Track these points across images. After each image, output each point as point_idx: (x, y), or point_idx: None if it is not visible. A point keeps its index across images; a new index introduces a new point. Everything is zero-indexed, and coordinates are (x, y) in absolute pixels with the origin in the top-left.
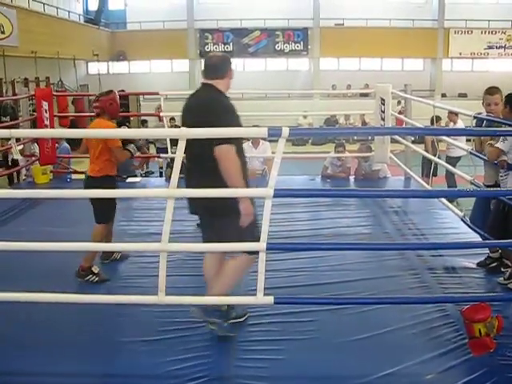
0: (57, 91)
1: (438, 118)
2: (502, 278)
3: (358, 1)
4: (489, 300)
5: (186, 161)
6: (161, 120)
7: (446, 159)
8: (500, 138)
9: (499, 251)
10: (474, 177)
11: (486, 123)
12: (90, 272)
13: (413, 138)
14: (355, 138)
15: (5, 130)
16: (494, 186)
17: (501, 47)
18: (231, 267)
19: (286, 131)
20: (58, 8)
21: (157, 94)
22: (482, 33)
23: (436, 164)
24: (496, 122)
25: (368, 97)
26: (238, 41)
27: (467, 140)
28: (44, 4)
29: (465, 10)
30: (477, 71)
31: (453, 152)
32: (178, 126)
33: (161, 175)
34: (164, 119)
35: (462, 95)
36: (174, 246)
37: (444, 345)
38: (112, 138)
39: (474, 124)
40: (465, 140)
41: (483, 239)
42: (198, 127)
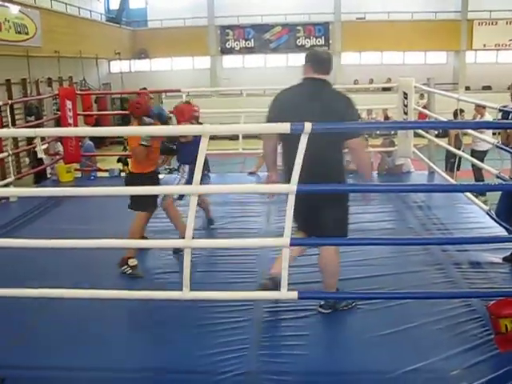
0: (80, 90)
1: (462, 110)
2: None
3: None
4: None
5: (289, 157)
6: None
7: (472, 153)
8: None
9: None
10: (500, 170)
11: None
12: (126, 263)
13: (436, 132)
14: (378, 132)
15: (30, 130)
16: None
17: None
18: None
19: (308, 127)
20: (79, 8)
21: (179, 91)
22: (506, 23)
23: (460, 158)
24: None
25: (390, 91)
26: (259, 37)
27: (493, 133)
28: (66, 4)
29: (489, 1)
30: (501, 63)
31: (479, 146)
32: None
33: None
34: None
35: (486, 88)
36: (198, 243)
37: (470, 340)
38: (131, 139)
39: (500, 117)
40: (491, 133)
41: (509, 233)
42: (319, 120)
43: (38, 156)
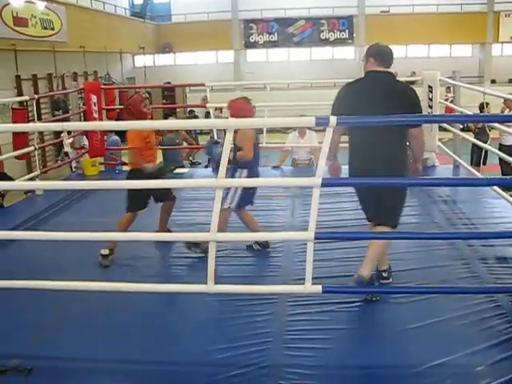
0: (104, 84)
1: (487, 104)
2: None
3: None
4: None
5: (360, 145)
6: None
7: (499, 147)
8: None
9: None
10: None
11: None
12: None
13: (461, 126)
14: None
15: (57, 124)
16: None
17: None
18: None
19: (333, 120)
20: (104, 3)
21: (202, 85)
22: None
23: (486, 152)
24: None
25: (415, 84)
26: (283, 30)
27: None
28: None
29: None
30: None
31: (506, 140)
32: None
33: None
34: (210, 110)
35: None
36: (223, 236)
37: (495, 336)
38: (131, 138)
39: None
40: None
41: None
42: (393, 112)
43: (65, 150)
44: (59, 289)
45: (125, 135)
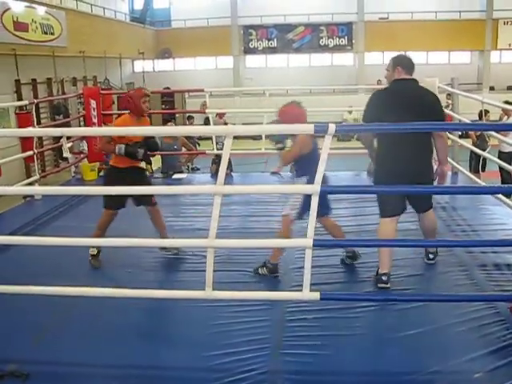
0: (102, 89)
1: (486, 111)
2: None
3: None
4: None
5: (393, 148)
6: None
7: (499, 154)
8: None
9: None
10: None
11: None
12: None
13: (460, 133)
14: None
15: (56, 129)
16: None
17: None
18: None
19: (332, 128)
20: (104, 8)
21: (202, 90)
22: None
23: (485, 159)
24: None
25: None
26: (282, 36)
27: None
28: (91, 5)
29: None
30: None
31: (505, 147)
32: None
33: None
34: (210, 116)
35: (511, 88)
36: (221, 242)
37: (493, 343)
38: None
39: None
40: None
41: None
42: (426, 117)
43: (64, 155)
44: (58, 294)
45: None
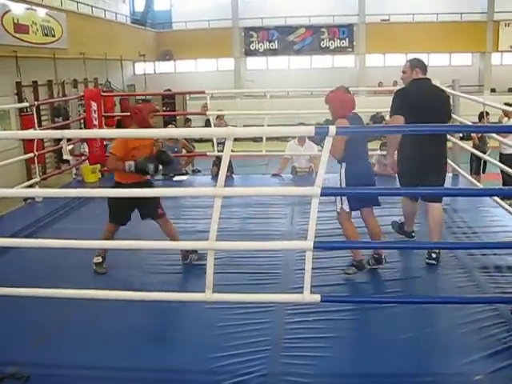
0: (104, 91)
1: (487, 113)
2: None
3: None
4: None
5: (413, 146)
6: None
7: (500, 156)
8: None
9: None
10: None
11: None
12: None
13: (461, 135)
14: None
15: (56, 131)
16: None
17: None
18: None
19: (333, 129)
20: (105, 10)
21: (203, 92)
22: None
23: (485, 161)
24: None
25: None
26: (283, 38)
27: None
28: (92, 6)
29: None
30: None
31: (506, 149)
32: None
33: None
34: (211, 118)
35: None
36: (222, 245)
37: (494, 345)
38: (116, 143)
39: None
40: None
41: None
42: (445, 114)
43: (64, 157)
44: (59, 296)
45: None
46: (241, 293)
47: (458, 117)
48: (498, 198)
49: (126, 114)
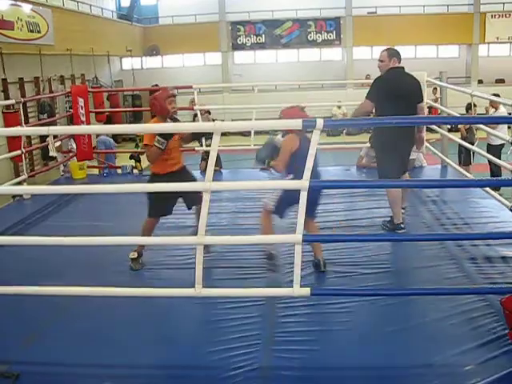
0: (92, 87)
1: (474, 105)
2: None
3: None
4: None
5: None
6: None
7: (488, 147)
8: None
9: None
10: None
11: None
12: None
13: (449, 127)
14: None
15: (43, 128)
16: None
17: None
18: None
19: (320, 123)
20: (91, 5)
21: (190, 87)
22: None
23: (472, 152)
24: None
25: None
26: (270, 32)
27: (508, 127)
28: (78, 2)
29: None
30: None
31: (494, 140)
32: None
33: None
34: (198, 112)
35: (500, 81)
36: (211, 239)
37: (484, 335)
38: (146, 136)
39: None
40: (506, 128)
41: None
42: (420, 99)
43: (50, 154)
44: (48, 294)
45: (113, 138)
46: (231, 287)
47: (445, 108)
48: (488, 189)
49: (114, 110)
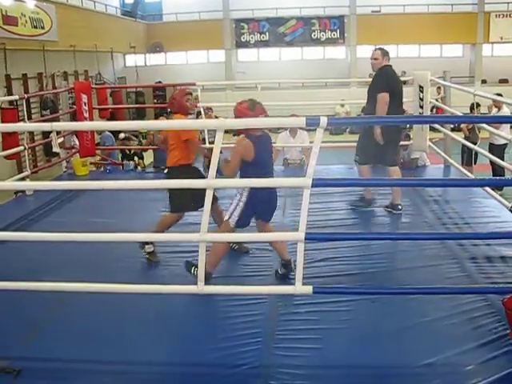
0: (95, 84)
1: (478, 104)
2: None
3: None
4: None
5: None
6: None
7: (490, 147)
8: None
9: None
10: None
11: None
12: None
13: (452, 126)
14: None
15: (46, 124)
16: None
17: None
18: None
19: (324, 121)
20: (95, 2)
21: (193, 84)
22: None
23: (476, 152)
24: None
25: (406, 84)
26: (274, 30)
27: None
28: None
29: None
30: None
31: (497, 140)
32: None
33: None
34: (202, 110)
35: (503, 81)
36: (213, 237)
37: (485, 335)
38: (184, 132)
39: None
40: (509, 128)
41: None
42: (401, 91)
43: (53, 150)
44: (49, 290)
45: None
46: (233, 285)
47: (449, 108)
48: (489, 189)
49: (118, 106)
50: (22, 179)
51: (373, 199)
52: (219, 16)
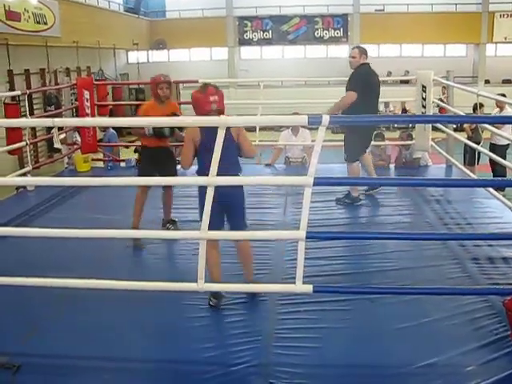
0: (97, 80)
1: (481, 105)
2: None
3: None
4: None
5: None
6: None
7: (492, 147)
8: None
9: None
10: None
11: None
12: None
13: (455, 126)
14: (396, 125)
15: (48, 120)
16: None
17: None
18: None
19: (326, 119)
20: None
21: (196, 81)
22: None
23: (479, 152)
24: None
25: (409, 84)
26: (277, 28)
27: None
28: None
29: None
30: None
31: (499, 140)
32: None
33: None
34: None
35: (507, 81)
36: (214, 234)
37: (486, 336)
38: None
39: None
40: (511, 128)
41: None
42: (379, 92)
43: (54, 146)
44: (50, 286)
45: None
46: (232, 283)
47: (451, 108)
48: (491, 189)
49: (119, 103)
50: (23, 175)
51: (359, 196)
52: (222, 13)
